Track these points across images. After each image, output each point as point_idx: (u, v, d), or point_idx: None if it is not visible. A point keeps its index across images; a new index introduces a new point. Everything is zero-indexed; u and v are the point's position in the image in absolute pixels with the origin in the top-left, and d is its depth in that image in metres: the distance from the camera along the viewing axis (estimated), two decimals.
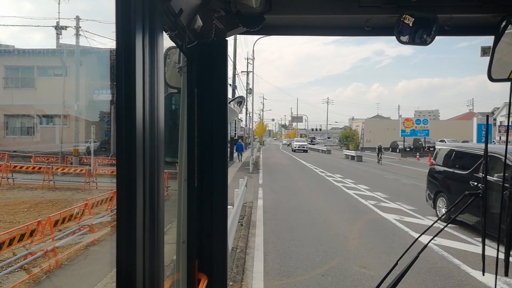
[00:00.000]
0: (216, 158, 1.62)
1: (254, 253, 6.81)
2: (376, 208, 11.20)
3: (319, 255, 6.78)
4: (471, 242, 7.59)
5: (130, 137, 0.73)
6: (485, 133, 2.71)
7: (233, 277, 5.61)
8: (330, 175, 20.73)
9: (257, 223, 9.11)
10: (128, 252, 0.74)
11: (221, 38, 1.55)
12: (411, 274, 4.06)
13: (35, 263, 6.12)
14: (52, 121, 22.69)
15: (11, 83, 23.67)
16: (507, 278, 3.89)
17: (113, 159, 14.57)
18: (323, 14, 1.58)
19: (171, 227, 1.61)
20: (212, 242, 1.62)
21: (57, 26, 21.81)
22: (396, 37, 1.49)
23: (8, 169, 14.50)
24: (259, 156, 36.15)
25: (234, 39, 31.47)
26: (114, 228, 1.61)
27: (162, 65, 0.86)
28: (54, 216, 6.62)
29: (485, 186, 1.56)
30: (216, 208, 1.62)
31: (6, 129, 22.80)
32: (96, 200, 8.41)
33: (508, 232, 1.58)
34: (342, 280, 5.60)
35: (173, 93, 1.55)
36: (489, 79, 1.58)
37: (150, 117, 0.79)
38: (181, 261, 1.51)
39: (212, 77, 1.57)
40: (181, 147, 1.49)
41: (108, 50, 21.35)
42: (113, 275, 5.03)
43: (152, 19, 0.79)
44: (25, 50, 24.78)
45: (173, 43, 1.22)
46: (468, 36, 1.80)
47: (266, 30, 1.67)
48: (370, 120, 64.80)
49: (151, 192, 0.80)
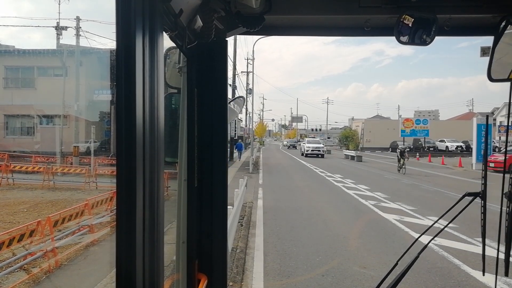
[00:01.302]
0: (216, 158, 1.62)
1: (254, 253, 6.81)
2: (376, 208, 11.19)
3: (319, 255, 6.78)
4: (471, 242, 7.59)
5: (130, 137, 0.73)
6: (485, 133, 2.71)
7: (233, 277, 5.61)
8: (330, 175, 20.73)
9: (257, 223, 9.11)
10: (128, 252, 0.74)
11: (221, 38, 1.55)
12: (411, 274, 4.06)
13: (35, 263, 6.11)
14: (52, 121, 22.69)
15: (11, 83, 23.67)
16: (507, 278, 3.89)
17: (113, 159, 14.58)
18: (323, 14, 1.58)
19: (171, 227, 1.61)
20: (212, 242, 1.62)
21: (57, 27, 21.84)
22: (396, 38, 1.49)
23: (8, 169, 14.49)
24: (259, 156, 36.15)
25: (234, 39, 31.51)
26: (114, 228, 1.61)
27: (162, 65, 0.86)
28: (54, 216, 6.62)
29: (485, 186, 1.55)
30: (216, 208, 1.62)
31: (6, 129, 22.79)
32: (96, 200, 8.41)
33: (508, 232, 1.58)
34: (342, 280, 5.60)
35: (173, 93, 1.55)
36: (489, 79, 1.58)
37: (150, 117, 0.79)
38: (181, 261, 1.51)
39: (212, 77, 1.57)
40: (181, 147, 1.49)
41: (108, 50, 21.37)
42: (113, 275, 5.03)
43: (152, 19, 0.79)
44: (25, 50, 24.80)
45: (173, 43, 1.22)
46: (468, 36, 1.80)
47: (266, 30, 1.67)
48: (370, 120, 64.80)
49: (151, 192, 0.80)
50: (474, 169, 23.93)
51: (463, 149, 40.97)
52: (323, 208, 11.32)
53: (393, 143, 49.00)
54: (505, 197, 1.57)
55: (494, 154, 23.67)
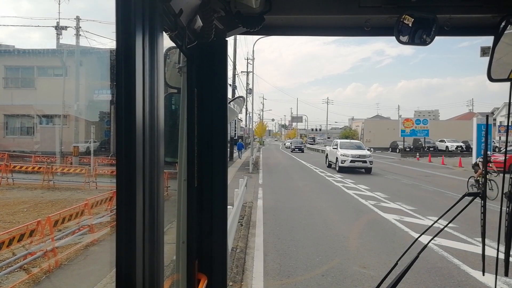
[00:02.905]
0: (216, 158, 1.62)
1: (254, 253, 6.81)
2: (376, 208, 11.19)
3: (319, 255, 6.78)
4: (471, 242, 7.59)
5: (130, 137, 0.73)
6: (485, 133, 2.70)
7: (233, 277, 5.61)
8: (330, 175, 20.72)
9: (257, 223, 9.11)
10: (128, 252, 0.74)
11: (221, 38, 1.55)
12: (411, 274, 4.06)
13: (35, 263, 6.11)
14: (52, 121, 22.69)
15: (11, 83, 23.67)
16: (507, 278, 3.89)
17: (113, 159, 14.58)
18: (323, 14, 1.58)
19: (171, 227, 1.61)
20: (212, 242, 1.62)
21: (57, 26, 21.85)
22: (396, 38, 1.49)
23: (8, 169, 14.49)
24: (259, 156, 36.15)
25: (234, 39, 31.53)
26: (114, 228, 1.61)
27: (162, 65, 0.86)
28: (54, 216, 6.62)
29: (485, 186, 1.56)
30: (216, 208, 1.62)
31: (6, 129, 22.79)
32: (96, 200, 8.41)
33: (508, 232, 1.58)
34: (342, 280, 5.60)
35: (173, 93, 1.55)
36: (488, 79, 1.58)
37: (150, 117, 0.79)
38: (181, 261, 1.51)
39: (212, 77, 1.57)
40: (181, 147, 1.49)
41: (108, 50, 21.38)
42: (112, 275, 5.03)
43: (152, 19, 0.79)
44: (25, 50, 24.81)
45: (173, 43, 1.22)
46: (468, 36, 1.80)
47: (266, 30, 1.67)
48: (370, 120, 64.84)
49: (151, 192, 0.80)
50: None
51: (463, 149, 40.95)
52: (323, 208, 11.32)
53: (393, 143, 49.02)
54: (505, 197, 1.57)
55: (494, 154, 23.68)
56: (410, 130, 43.74)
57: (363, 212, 10.71)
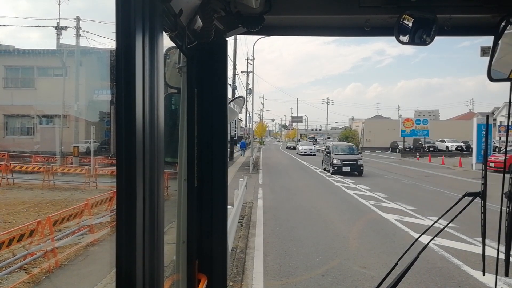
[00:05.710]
0: (216, 158, 1.62)
1: (254, 253, 6.81)
2: (376, 208, 11.19)
3: (319, 255, 6.78)
4: (471, 242, 7.59)
5: (130, 137, 0.73)
6: (485, 133, 2.70)
7: (233, 277, 5.61)
8: (330, 175, 20.73)
9: (257, 223, 9.11)
10: (128, 252, 0.74)
11: (221, 38, 1.56)
12: (411, 274, 4.06)
13: (35, 263, 6.11)
14: (52, 121, 22.68)
15: (11, 83, 23.65)
16: (507, 278, 3.89)
17: (113, 159, 14.57)
18: (323, 14, 1.58)
19: (171, 227, 1.61)
20: (212, 243, 1.62)
21: (57, 26, 21.84)
22: (396, 38, 1.49)
23: (8, 169, 14.48)
24: (259, 156, 36.15)
25: (234, 39, 31.51)
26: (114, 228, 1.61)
27: (162, 65, 0.86)
28: (54, 216, 6.62)
29: (485, 186, 1.55)
30: (216, 208, 1.62)
31: (6, 129, 22.79)
32: (96, 200, 8.41)
33: (508, 232, 1.58)
34: (342, 280, 5.60)
35: (173, 93, 1.55)
36: (489, 79, 1.58)
37: (150, 117, 0.79)
38: (181, 262, 1.51)
39: (212, 77, 1.57)
40: (181, 147, 1.49)
41: (108, 50, 21.36)
42: (113, 275, 5.03)
43: (152, 19, 0.79)
44: (25, 50, 24.78)
45: (173, 43, 1.22)
46: (468, 36, 1.80)
47: (266, 30, 1.67)
48: (370, 120, 64.79)
49: (151, 192, 0.80)
50: (474, 169, 23.92)
51: (463, 149, 40.94)
52: (323, 208, 11.32)
53: (393, 143, 49.00)
54: (505, 197, 1.57)
55: (494, 154, 23.67)
56: (410, 130, 43.71)
57: (363, 212, 10.71)
